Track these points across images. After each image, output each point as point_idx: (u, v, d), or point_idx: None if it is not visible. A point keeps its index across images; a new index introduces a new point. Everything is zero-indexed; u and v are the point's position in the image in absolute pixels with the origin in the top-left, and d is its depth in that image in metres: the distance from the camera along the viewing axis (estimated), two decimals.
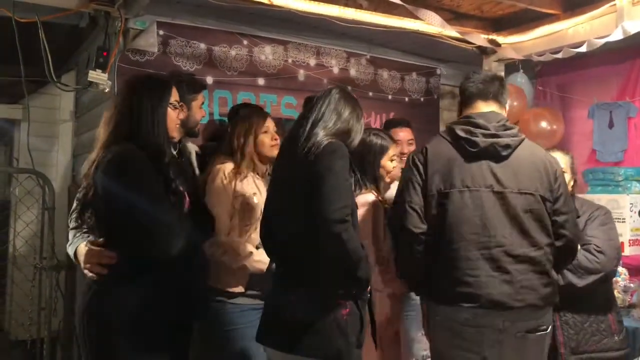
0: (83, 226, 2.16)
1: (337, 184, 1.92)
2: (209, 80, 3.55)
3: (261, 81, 3.78)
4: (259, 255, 2.47)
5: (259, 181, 2.60)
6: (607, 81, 4.33)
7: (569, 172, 2.69)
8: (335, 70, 4.09)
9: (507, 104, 2.41)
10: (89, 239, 2.10)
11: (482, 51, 4.15)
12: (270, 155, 2.62)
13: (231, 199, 2.50)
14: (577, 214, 2.51)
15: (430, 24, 3.50)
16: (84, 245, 2.10)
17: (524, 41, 3.95)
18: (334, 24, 3.57)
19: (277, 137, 2.65)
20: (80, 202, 2.13)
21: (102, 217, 2.02)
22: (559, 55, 3.69)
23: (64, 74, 4.12)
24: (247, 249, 2.48)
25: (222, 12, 3.50)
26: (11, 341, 4.17)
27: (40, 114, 4.21)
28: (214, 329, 2.48)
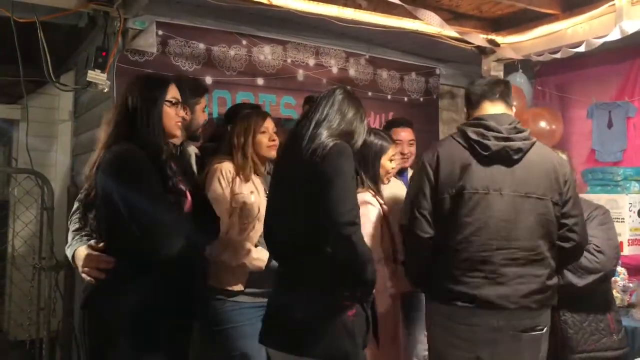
0: (85, 228, 2.17)
1: (346, 186, 1.91)
2: (208, 80, 3.54)
3: (260, 81, 3.78)
4: (258, 253, 2.48)
5: (257, 180, 2.60)
6: (606, 81, 4.34)
7: None
8: (335, 70, 4.08)
9: (514, 107, 2.41)
10: (89, 243, 2.09)
11: (481, 51, 4.15)
12: (267, 156, 2.62)
13: (229, 197, 2.50)
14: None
15: (429, 24, 3.50)
16: (83, 249, 2.09)
17: (523, 41, 3.95)
18: (333, 24, 3.57)
19: (276, 138, 2.64)
20: (82, 202, 2.14)
21: (103, 217, 2.02)
22: (558, 55, 3.69)
23: (63, 74, 4.12)
24: (246, 247, 2.48)
25: (221, 12, 3.50)
26: (10, 341, 4.16)
27: (39, 114, 4.21)
28: (213, 327, 2.48)
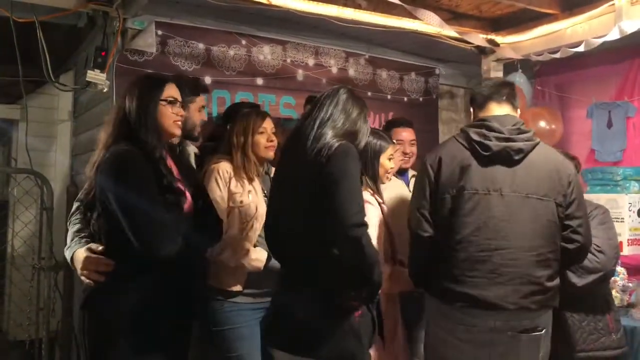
0: (85, 229, 2.17)
1: (353, 187, 1.89)
2: (208, 80, 3.54)
3: (260, 81, 3.78)
4: (256, 253, 2.47)
5: (255, 180, 2.58)
6: (606, 81, 4.34)
7: None
8: (334, 70, 4.08)
9: (518, 109, 2.42)
10: (88, 246, 2.08)
11: (481, 51, 4.15)
12: (265, 157, 2.61)
13: (227, 197, 2.50)
14: None
15: (429, 24, 3.50)
16: (82, 251, 2.08)
17: (523, 41, 3.95)
18: (332, 24, 3.57)
19: (274, 139, 2.62)
20: (83, 203, 2.15)
21: (102, 217, 2.02)
22: (557, 55, 3.69)
23: (62, 74, 4.11)
24: (245, 247, 2.47)
25: (221, 12, 3.50)
26: (10, 341, 4.16)
27: (38, 114, 4.20)
28: (212, 328, 2.47)
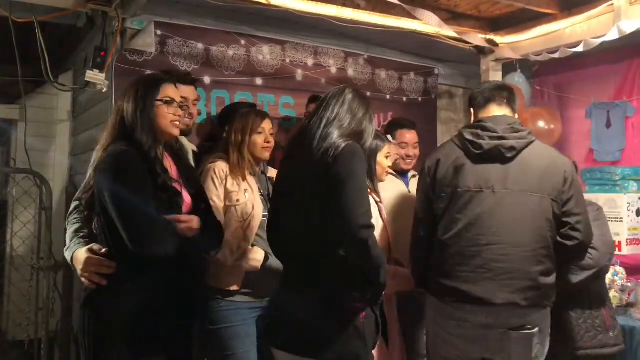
0: (84, 229, 2.17)
1: (360, 188, 1.88)
2: (207, 80, 3.54)
3: (259, 81, 3.77)
4: (254, 253, 2.47)
5: (251, 179, 2.57)
6: (605, 81, 4.34)
7: None
8: (333, 70, 4.08)
9: (516, 114, 2.46)
10: (89, 247, 2.07)
11: (480, 51, 4.15)
12: (261, 157, 2.60)
13: (223, 197, 2.49)
14: None
15: (427, 24, 3.50)
16: (83, 251, 2.07)
17: (522, 41, 3.95)
18: (331, 24, 3.57)
19: (271, 140, 2.61)
20: (81, 201, 2.16)
21: (100, 217, 2.01)
22: (556, 55, 3.69)
23: (62, 74, 4.11)
24: (242, 247, 2.47)
25: (220, 12, 3.50)
26: (9, 342, 4.16)
27: (37, 114, 4.20)
28: (209, 326, 2.47)
